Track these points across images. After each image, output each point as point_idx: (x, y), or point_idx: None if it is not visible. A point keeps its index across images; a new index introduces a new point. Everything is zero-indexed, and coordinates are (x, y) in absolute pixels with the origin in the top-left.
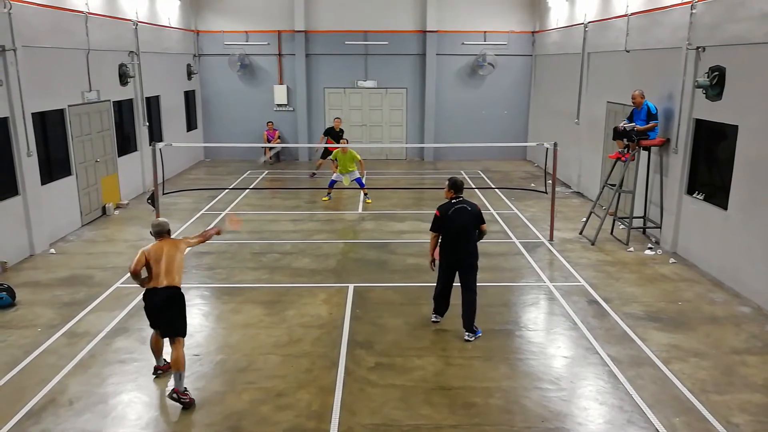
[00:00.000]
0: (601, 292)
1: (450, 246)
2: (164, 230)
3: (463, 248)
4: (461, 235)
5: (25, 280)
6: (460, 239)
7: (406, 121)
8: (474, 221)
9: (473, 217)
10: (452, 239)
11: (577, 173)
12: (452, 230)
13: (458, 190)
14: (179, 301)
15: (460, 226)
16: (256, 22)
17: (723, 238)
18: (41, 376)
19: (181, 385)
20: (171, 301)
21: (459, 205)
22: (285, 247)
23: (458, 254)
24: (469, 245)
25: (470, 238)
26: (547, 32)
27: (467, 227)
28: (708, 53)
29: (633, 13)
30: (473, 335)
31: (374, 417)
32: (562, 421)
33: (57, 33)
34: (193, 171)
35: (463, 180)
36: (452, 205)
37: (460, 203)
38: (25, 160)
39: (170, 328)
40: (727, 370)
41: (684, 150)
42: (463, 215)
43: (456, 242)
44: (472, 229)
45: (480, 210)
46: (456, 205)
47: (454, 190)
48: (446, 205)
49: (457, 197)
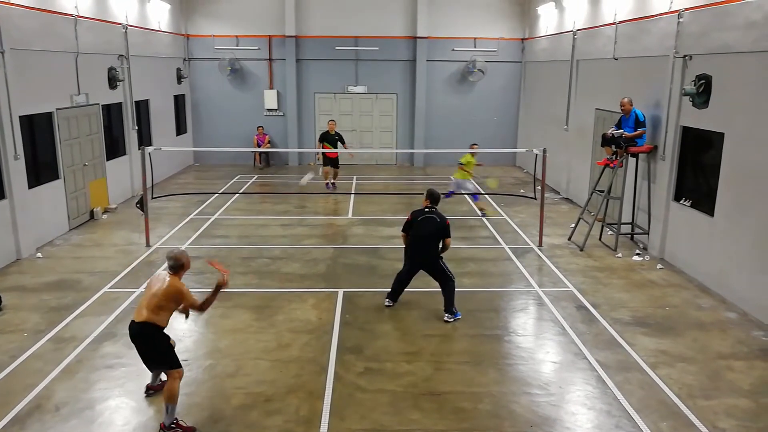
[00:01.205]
0: (590, 298)
1: (414, 248)
2: (173, 266)
3: (424, 254)
4: (424, 243)
5: (12, 284)
6: (422, 246)
7: (397, 127)
8: (439, 234)
9: (439, 230)
10: (416, 244)
11: (566, 179)
12: (417, 236)
13: (434, 201)
14: (146, 339)
15: (426, 234)
16: (247, 27)
17: (709, 244)
18: (27, 382)
19: (170, 419)
20: (138, 337)
21: (429, 215)
22: (274, 252)
23: (420, 257)
24: (431, 253)
25: (432, 247)
26: (536, 39)
27: (431, 237)
28: (695, 61)
29: (621, 21)
30: (452, 317)
31: (363, 422)
32: (551, 426)
33: (46, 36)
34: (183, 175)
35: (440, 194)
36: (423, 213)
37: (431, 213)
38: (12, 163)
39: (147, 363)
40: (714, 375)
41: (671, 157)
42: (430, 225)
43: (419, 247)
44: (436, 240)
45: (448, 225)
46: (427, 213)
47: (429, 200)
48: (418, 212)
49: (430, 207)
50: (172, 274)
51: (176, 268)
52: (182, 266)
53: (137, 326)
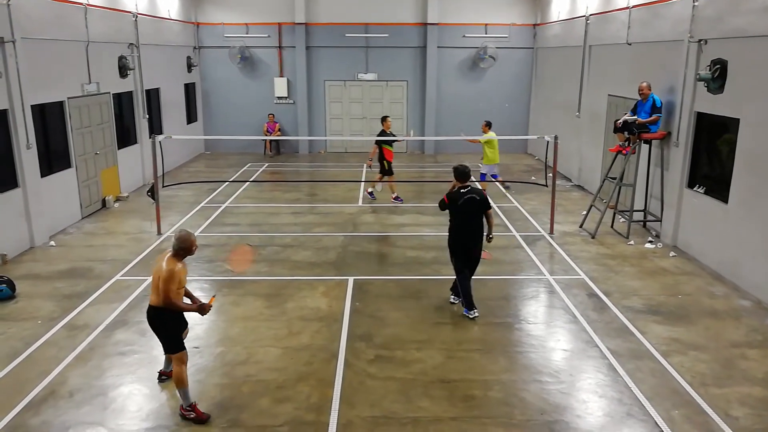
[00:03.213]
0: (601, 286)
1: (465, 234)
2: (174, 247)
3: (477, 238)
4: (473, 225)
5: (25, 272)
6: (471, 230)
7: (407, 114)
8: (482, 210)
9: (482, 206)
10: (464, 229)
11: (578, 166)
12: (464, 221)
13: (466, 178)
14: (154, 320)
15: (472, 213)
16: (257, 15)
17: (723, 231)
18: (41, 368)
19: (185, 401)
20: (150, 319)
21: (468, 195)
22: (285, 240)
23: (474, 242)
24: (479, 230)
25: (480, 229)
26: (548, 25)
27: (477, 216)
28: (710, 46)
29: (635, 6)
30: (458, 298)
31: (374, 409)
32: (561, 413)
33: (57, 25)
34: (193, 164)
35: (468, 166)
36: (462, 195)
37: (468, 192)
38: (25, 152)
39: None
40: (727, 364)
41: (685, 143)
42: (472, 205)
43: (469, 232)
44: (481, 219)
45: (486, 196)
46: (466, 195)
47: (461, 179)
48: (456, 194)
49: (464, 186)
50: (171, 255)
51: (178, 251)
52: (185, 250)
53: (149, 309)
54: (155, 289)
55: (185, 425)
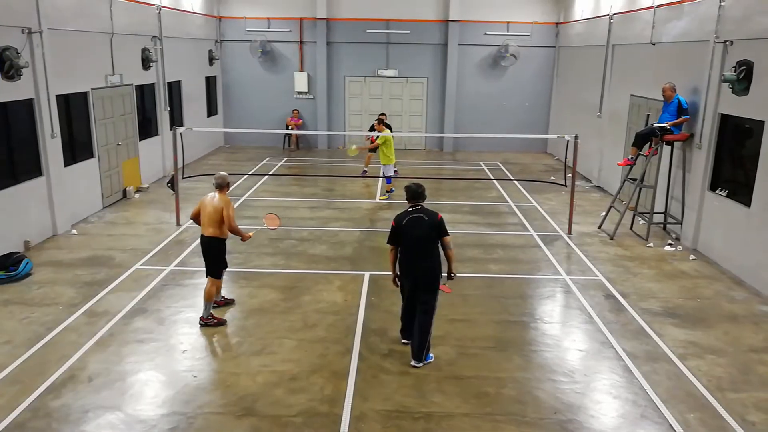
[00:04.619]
0: (619, 287)
1: (409, 259)
2: (219, 184)
3: (424, 262)
4: (418, 249)
5: (48, 259)
6: (417, 254)
7: (426, 111)
8: (433, 234)
9: (432, 228)
10: (409, 253)
11: (598, 167)
12: (408, 244)
13: (415, 197)
14: (211, 249)
15: (418, 237)
16: (278, 9)
17: (745, 235)
18: (62, 353)
19: (205, 312)
20: (206, 247)
21: (414, 215)
22: (302, 234)
23: (420, 268)
24: (428, 261)
25: (429, 254)
26: (571, 24)
27: (425, 241)
28: (736, 47)
29: (660, 5)
30: (419, 363)
31: (386, 403)
32: (574, 413)
33: (82, 16)
34: (213, 156)
35: (422, 186)
36: (407, 215)
37: (415, 212)
38: (49, 141)
39: (206, 268)
40: (745, 368)
41: (708, 145)
42: (418, 227)
43: (414, 256)
44: (432, 244)
45: (441, 220)
46: (411, 214)
47: (409, 197)
48: (401, 215)
49: (413, 206)
50: (219, 191)
51: (221, 186)
52: (227, 184)
53: (206, 239)
54: (213, 222)
55: (200, 411)
